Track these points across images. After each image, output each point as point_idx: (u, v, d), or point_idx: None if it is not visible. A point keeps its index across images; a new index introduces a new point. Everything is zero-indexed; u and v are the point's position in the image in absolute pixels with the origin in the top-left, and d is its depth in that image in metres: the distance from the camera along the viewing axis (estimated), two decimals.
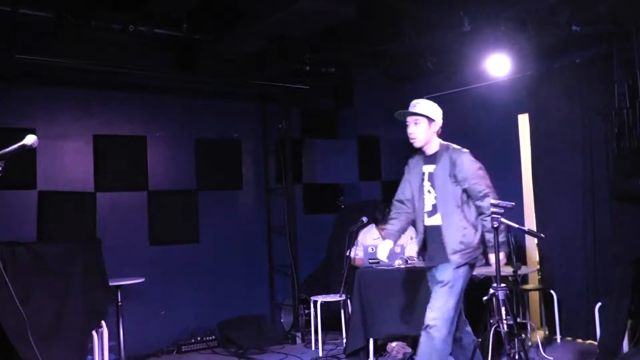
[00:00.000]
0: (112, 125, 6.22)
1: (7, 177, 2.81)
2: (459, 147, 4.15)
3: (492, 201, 4.31)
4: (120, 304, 5.48)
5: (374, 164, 7.77)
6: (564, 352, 5.52)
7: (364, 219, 5.82)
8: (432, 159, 4.14)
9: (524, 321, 5.54)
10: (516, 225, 4.37)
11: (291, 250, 6.75)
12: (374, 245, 5.63)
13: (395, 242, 4.33)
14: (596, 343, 4.98)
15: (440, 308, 3.89)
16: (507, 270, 4.95)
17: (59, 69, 5.75)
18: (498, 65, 5.94)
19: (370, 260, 5.43)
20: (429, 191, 4.12)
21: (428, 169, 4.15)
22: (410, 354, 5.47)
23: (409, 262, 5.45)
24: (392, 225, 4.31)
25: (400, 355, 5.45)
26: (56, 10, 5.03)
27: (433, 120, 4.10)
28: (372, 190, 7.67)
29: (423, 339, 3.91)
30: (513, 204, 4.35)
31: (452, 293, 3.92)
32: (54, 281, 4.47)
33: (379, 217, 6.08)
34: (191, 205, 6.63)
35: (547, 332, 5.92)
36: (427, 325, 3.89)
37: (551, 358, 5.25)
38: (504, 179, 6.55)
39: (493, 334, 4.58)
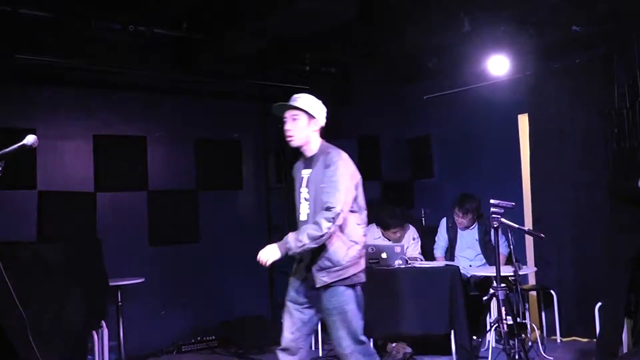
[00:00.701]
0: (112, 125, 6.22)
1: (7, 177, 2.80)
2: (341, 151, 3.64)
3: (492, 201, 4.33)
4: (120, 304, 5.48)
5: (374, 164, 7.77)
6: (564, 352, 5.53)
7: None
8: (310, 162, 3.66)
9: (524, 321, 5.54)
10: (516, 226, 4.39)
11: None
12: (374, 245, 5.63)
13: None
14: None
15: (344, 337, 3.50)
16: (507, 271, 4.96)
17: (59, 69, 5.76)
18: (498, 65, 5.94)
19: (370, 260, 5.42)
20: (305, 198, 3.63)
21: (306, 173, 3.67)
22: (410, 353, 5.48)
23: (409, 262, 5.46)
24: None
25: (400, 355, 5.44)
26: (56, 10, 5.02)
27: (313, 117, 3.62)
28: (372, 190, 7.65)
29: None
30: (513, 204, 4.36)
31: (345, 319, 3.51)
32: (54, 281, 4.48)
33: (389, 222, 6.03)
34: (191, 205, 6.63)
35: (546, 332, 5.93)
36: (344, 354, 3.53)
37: (551, 358, 5.25)
38: (504, 179, 6.58)
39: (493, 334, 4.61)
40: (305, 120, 3.63)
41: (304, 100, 3.66)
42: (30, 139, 2.84)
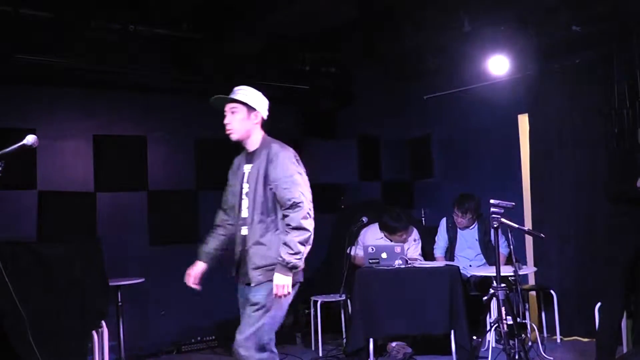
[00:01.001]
0: (112, 125, 6.22)
1: (7, 177, 2.81)
2: (284, 145, 3.55)
3: (492, 201, 4.32)
4: (120, 304, 5.48)
5: (374, 164, 7.77)
6: (564, 352, 5.53)
7: (364, 219, 5.82)
8: (251, 156, 3.59)
9: (524, 321, 5.54)
10: (516, 226, 4.38)
11: None
12: (374, 245, 5.63)
13: (209, 263, 3.76)
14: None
15: (250, 337, 3.32)
16: (507, 271, 4.96)
17: (59, 69, 5.75)
18: (498, 65, 5.94)
19: (370, 260, 5.43)
20: (246, 194, 3.51)
21: (247, 168, 3.58)
22: (411, 353, 5.48)
23: (409, 262, 5.46)
24: (206, 244, 3.77)
25: (400, 355, 5.45)
26: (56, 10, 5.03)
27: (253, 109, 3.54)
28: (372, 190, 7.67)
29: None
30: (513, 203, 4.36)
31: (263, 317, 3.36)
32: (54, 281, 4.48)
33: (396, 225, 6.00)
34: (191, 205, 6.63)
35: (546, 332, 5.93)
36: (238, 353, 3.32)
37: (551, 358, 5.25)
38: (504, 179, 6.59)
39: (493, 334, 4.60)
40: (244, 113, 3.55)
41: (244, 92, 3.59)
42: (30, 139, 2.85)
